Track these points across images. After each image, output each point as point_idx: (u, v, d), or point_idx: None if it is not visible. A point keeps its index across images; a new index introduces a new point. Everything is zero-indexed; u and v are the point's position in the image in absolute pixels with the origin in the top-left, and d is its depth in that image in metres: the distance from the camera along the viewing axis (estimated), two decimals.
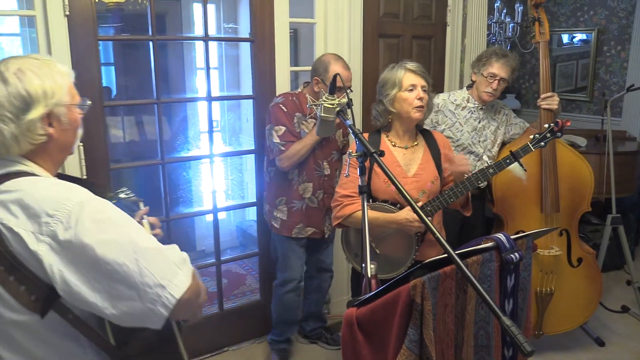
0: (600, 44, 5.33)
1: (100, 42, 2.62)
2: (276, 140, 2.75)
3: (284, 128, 2.75)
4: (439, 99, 3.02)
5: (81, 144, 2.47)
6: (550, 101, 2.88)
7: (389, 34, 3.45)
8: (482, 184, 2.98)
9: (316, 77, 2.77)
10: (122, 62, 4.65)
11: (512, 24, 4.94)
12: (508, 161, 2.30)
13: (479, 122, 2.98)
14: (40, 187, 1.12)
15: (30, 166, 1.19)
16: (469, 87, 3.06)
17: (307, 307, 3.27)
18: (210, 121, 3.05)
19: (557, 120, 2.41)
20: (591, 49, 5.38)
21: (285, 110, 2.76)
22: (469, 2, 3.70)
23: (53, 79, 1.19)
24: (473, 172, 2.34)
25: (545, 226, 2.89)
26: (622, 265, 4.17)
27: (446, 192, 2.23)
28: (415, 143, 2.34)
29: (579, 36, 5.54)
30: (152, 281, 1.05)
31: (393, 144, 2.32)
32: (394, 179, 1.48)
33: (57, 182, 1.18)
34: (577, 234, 3.03)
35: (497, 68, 2.86)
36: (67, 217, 1.06)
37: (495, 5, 4.82)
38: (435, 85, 3.72)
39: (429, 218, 2.20)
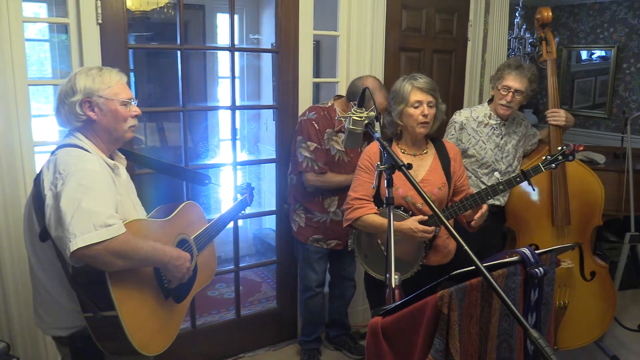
0: (620, 61, 5.33)
1: None
2: (307, 154, 2.80)
3: (315, 144, 2.79)
4: (462, 116, 2.96)
5: None
6: (556, 116, 2.89)
7: (410, 47, 3.48)
8: (501, 202, 2.99)
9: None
10: (142, 69, 4.71)
11: (531, 40, 4.95)
12: (518, 179, 2.32)
13: (501, 139, 2.94)
14: (69, 155, 1.62)
15: (82, 140, 1.71)
16: (490, 102, 3.01)
17: (331, 314, 3.31)
18: (234, 129, 3.10)
19: (570, 143, 2.44)
20: (610, 65, 5.38)
21: (317, 127, 2.80)
22: (490, 18, 3.74)
23: (94, 80, 1.70)
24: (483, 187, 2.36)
25: (556, 239, 2.91)
26: (639, 283, 4.13)
27: (456, 204, 2.27)
28: (425, 151, 2.43)
29: (598, 53, 5.55)
30: (72, 229, 1.49)
31: (403, 151, 2.42)
32: (422, 191, 1.52)
33: (82, 154, 1.64)
34: (590, 247, 3.03)
35: (511, 80, 2.79)
36: (66, 176, 1.55)
37: (515, 21, 4.84)
38: (455, 99, 3.76)
39: (437, 228, 2.25)
